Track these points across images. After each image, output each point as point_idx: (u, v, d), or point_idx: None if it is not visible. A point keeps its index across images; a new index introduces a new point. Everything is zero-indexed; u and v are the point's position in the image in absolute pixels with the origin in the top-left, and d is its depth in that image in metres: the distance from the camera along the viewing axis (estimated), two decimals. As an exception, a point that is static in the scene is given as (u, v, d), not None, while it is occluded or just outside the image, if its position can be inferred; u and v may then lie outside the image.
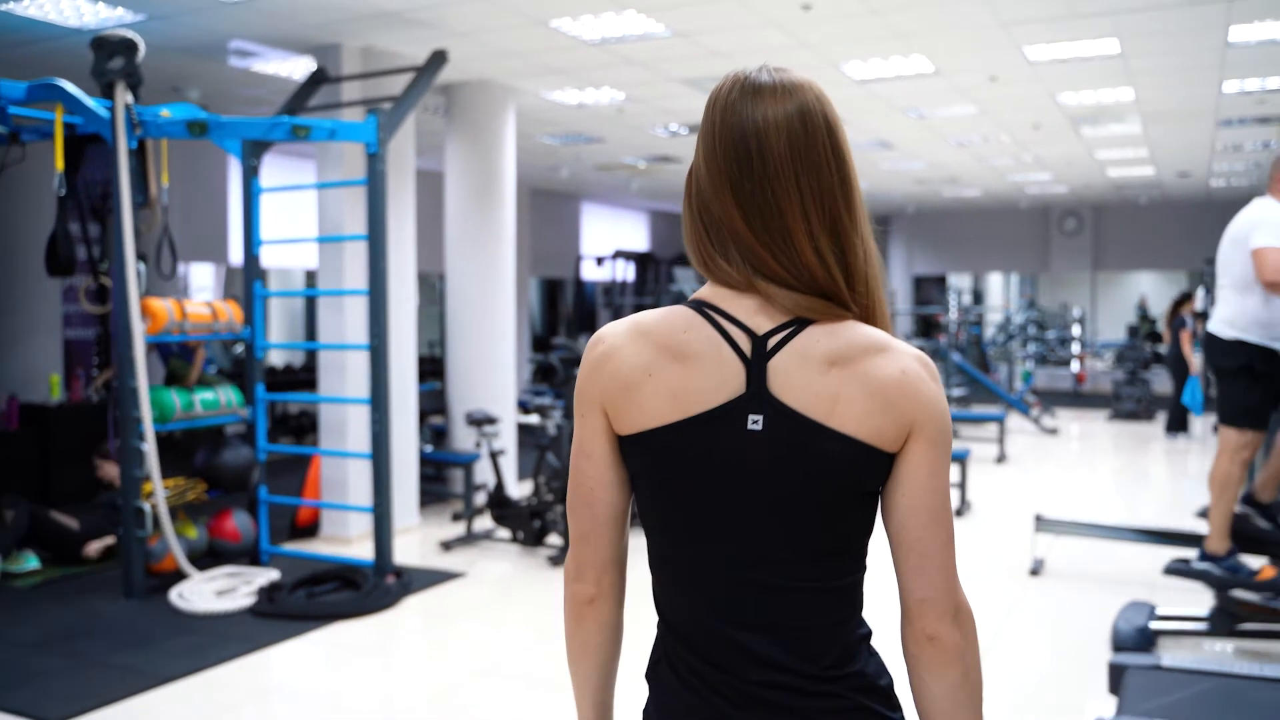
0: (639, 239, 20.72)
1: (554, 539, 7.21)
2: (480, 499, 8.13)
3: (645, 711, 1.42)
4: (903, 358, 1.29)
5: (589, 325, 18.77)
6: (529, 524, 7.08)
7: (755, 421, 1.27)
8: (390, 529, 6.34)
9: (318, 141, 7.22)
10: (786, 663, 1.30)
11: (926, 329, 19.62)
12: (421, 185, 12.46)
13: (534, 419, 7.39)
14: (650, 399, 1.31)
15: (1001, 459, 11.15)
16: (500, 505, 7.17)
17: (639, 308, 18.44)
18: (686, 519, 1.33)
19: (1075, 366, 19.89)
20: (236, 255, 12.66)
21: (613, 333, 1.37)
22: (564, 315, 18.65)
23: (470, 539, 7.45)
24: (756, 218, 1.30)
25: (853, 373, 1.27)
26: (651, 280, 18.70)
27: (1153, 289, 27.30)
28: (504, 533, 7.40)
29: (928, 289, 22.79)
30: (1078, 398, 18.44)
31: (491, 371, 8.74)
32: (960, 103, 9.67)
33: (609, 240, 19.39)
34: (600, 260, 17.98)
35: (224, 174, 12.05)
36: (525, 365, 16.05)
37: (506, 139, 8.91)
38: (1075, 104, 9.80)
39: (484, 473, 8.33)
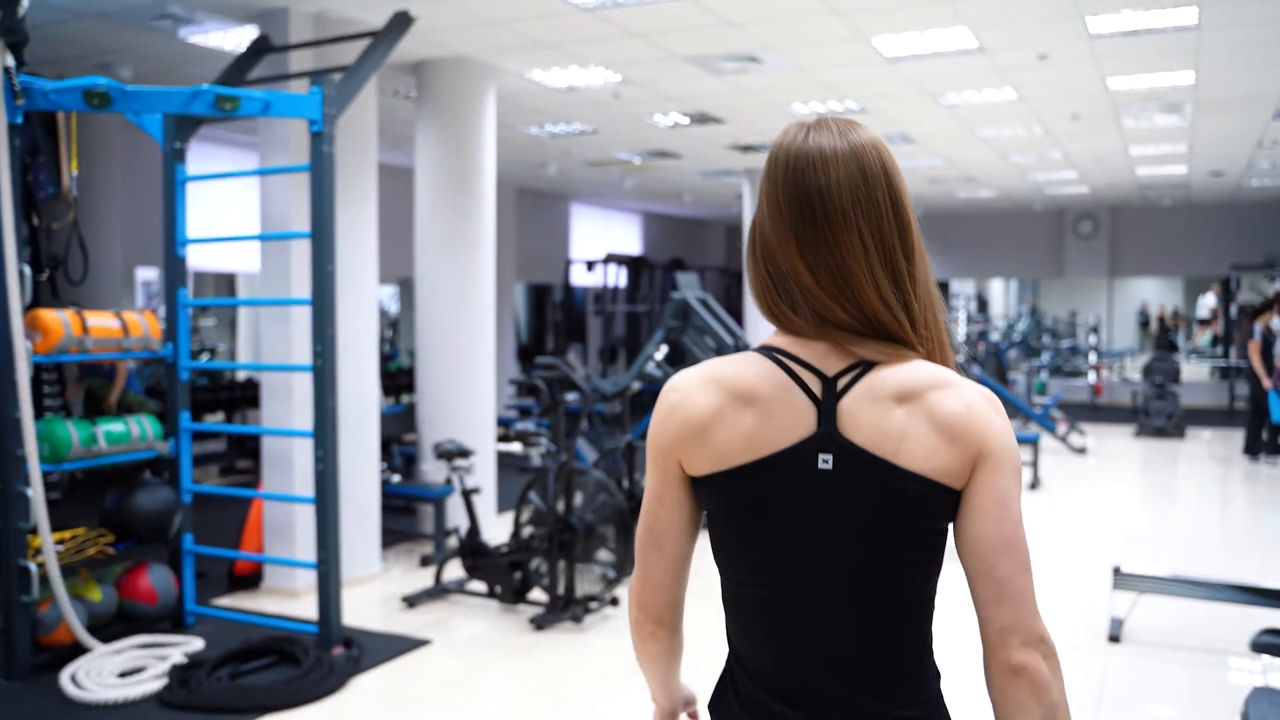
0: (632, 242, 19.60)
1: (537, 594, 6.08)
2: (454, 541, 6.97)
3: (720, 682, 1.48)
4: (966, 393, 1.34)
5: (579, 334, 17.62)
6: (508, 577, 5.94)
7: (825, 461, 1.33)
8: (338, 589, 5.20)
9: (257, 120, 6.09)
10: (854, 702, 1.34)
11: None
12: (398, 182, 11.33)
13: (515, 447, 6.26)
14: (724, 442, 1.37)
15: (1035, 484, 10.05)
16: (474, 554, 6.03)
17: (631, 315, 17.34)
18: (758, 557, 1.38)
19: (1092, 377, 18.85)
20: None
21: (685, 381, 1.43)
22: (552, 323, 17.51)
23: (439, 592, 6.31)
24: (822, 270, 1.36)
25: (919, 409, 1.32)
26: (645, 286, 17.56)
27: (1155, 295, 26.39)
28: (479, 585, 6.26)
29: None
30: (1096, 411, 17.33)
31: (467, 392, 7.61)
32: (1000, 86, 8.57)
33: (600, 243, 18.27)
34: (590, 265, 16.85)
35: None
36: (509, 378, 14.94)
37: (485, 126, 7.78)
38: (1126, 89, 8.72)
39: (458, 512, 7.19)
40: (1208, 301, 27.11)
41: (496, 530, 7.75)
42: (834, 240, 1.35)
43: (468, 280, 7.63)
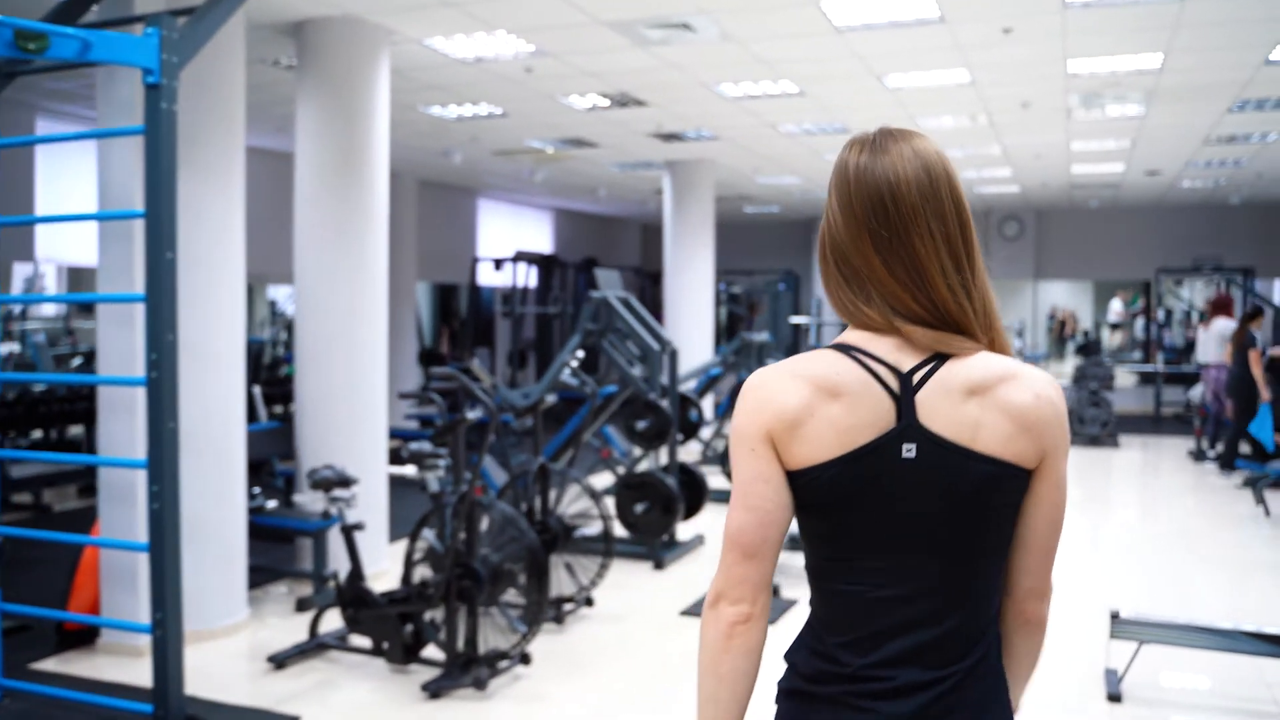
0: (543, 240, 18.58)
1: (433, 652, 5.06)
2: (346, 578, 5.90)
3: (781, 687, 1.58)
4: (1035, 383, 1.47)
5: (485, 337, 16.54)
6: (397, 631, 4.92)
7: (909, 450, 1.45)
8: (179, 658, 4.13)
9: (87, 69, 4.96)
10: (938, 663, 1.47)
11: None
12: (287, 169, 10.25)
13: (409, 470, 5.23)
14: (815, 436, 1.45)
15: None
16: (356, 604, 4.99)
17: (542, 318, 16.34)
18: (850, 537, 1.48)
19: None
20: (55, 251, 10.22)
21: (770, 376, 1.51)
22: (458, 325, 16.40)
23: (316, 648, 5.26)
24: (896, 263, 1.48)
25: (991, 399, 1.45)
26: (557, 286, 16.55)
27: (1064, 299, 26.24)
28: (363, 640, 5.22)
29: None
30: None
31: (355, 405, 6.56)
32: (953, 66, 7.78)
33: (509, 241, 17.22)
34: (499, 264, 15.79)
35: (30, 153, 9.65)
36: (399, 392, 13.86)
37: (377, 100, 6.73)
38: (1087, 73, 7.99)
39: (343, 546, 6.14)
40: (1115, 306, 27.10)
41: (390, 564, 6.71)
42: (905, 234, 1.47)
43: (357, 278, 6.58)
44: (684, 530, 7.82)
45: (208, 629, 5.48)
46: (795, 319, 16.81)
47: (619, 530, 7.21)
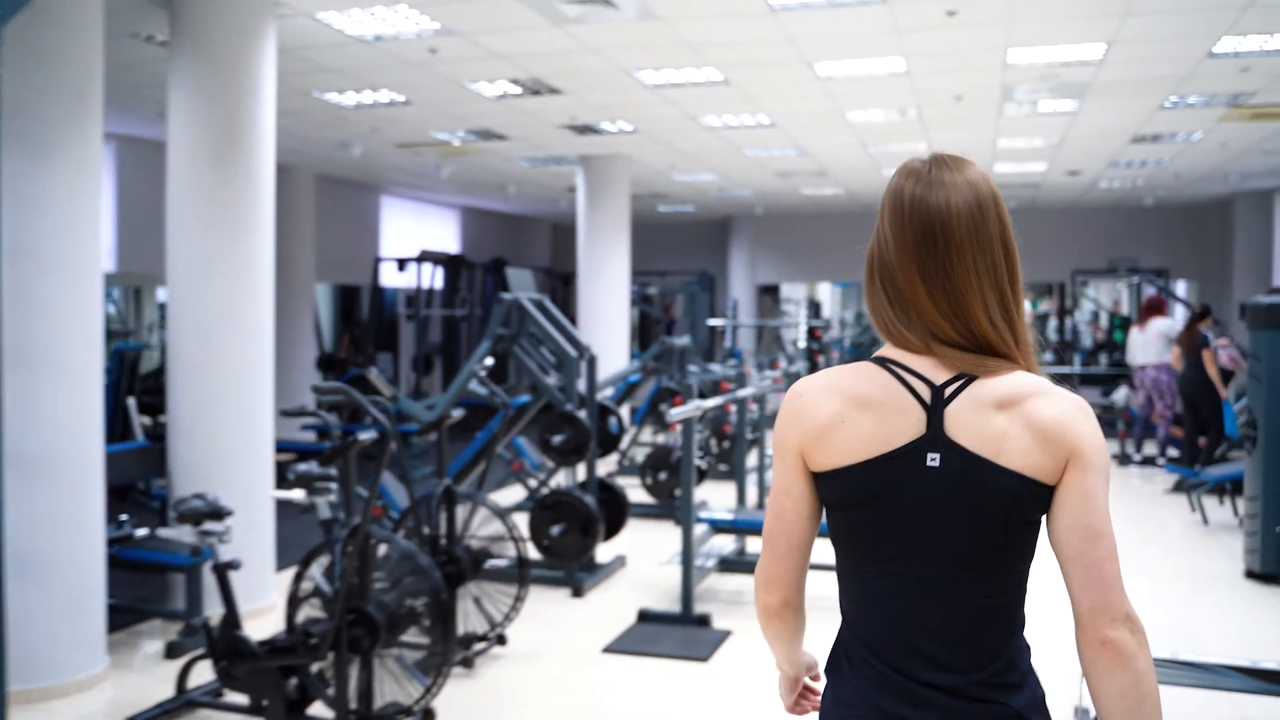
0: (449, 240, 17.82)
1: (321, 709, 4.38)
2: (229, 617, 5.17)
3: (824, 700, 1.65)
4: (1060, 400, 1.51)
5: (389, 341, 15.74)
6: (279, 686, 4.23)
7: (934, 459, 1.51)
8: (5, 737, 3.41)
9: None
10: (956, 668, 1.50)
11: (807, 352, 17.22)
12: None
13: (297, 495, 4.55)
14: (844, 442, 1.54)
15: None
16: (231, 655, 4.28)
17: (449, 320, 15.60)
18: (873, 541, 1.55)
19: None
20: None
21: (810, 387, 1.60)
22: (359, 329, 15.57)
23: (184, 707, 4.55)
24: (940, 294, 1.53)
25: (1017, 415, 1.49)
26: (465, 288, 15.82)
27: None
28: (239, 696, 4.51)
29: (764, 300, 20.72)
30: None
31: (235, 421, 5.84)
32: (888, 54, 7.31)
33: (414, 241, 16.43)
34: (402, 264, 15.00)
35: None
36: (281, 410, 13.02)
37: (262, 81, 6.01)
38: (1025, 64, 7.60)
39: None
40: (1025, 307, 27.23)
41: (279, 597, 5.99)
42: (950, 268, 1.52)
43: (238, 277, 5.86)
44: (604, 551, 7.22)
45: (57, 685, 4.73)
46: (713, 321, 16.33)
47: (533, 553, 6.58)
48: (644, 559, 7.34)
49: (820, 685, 1.80)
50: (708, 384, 10.45)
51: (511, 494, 9.49)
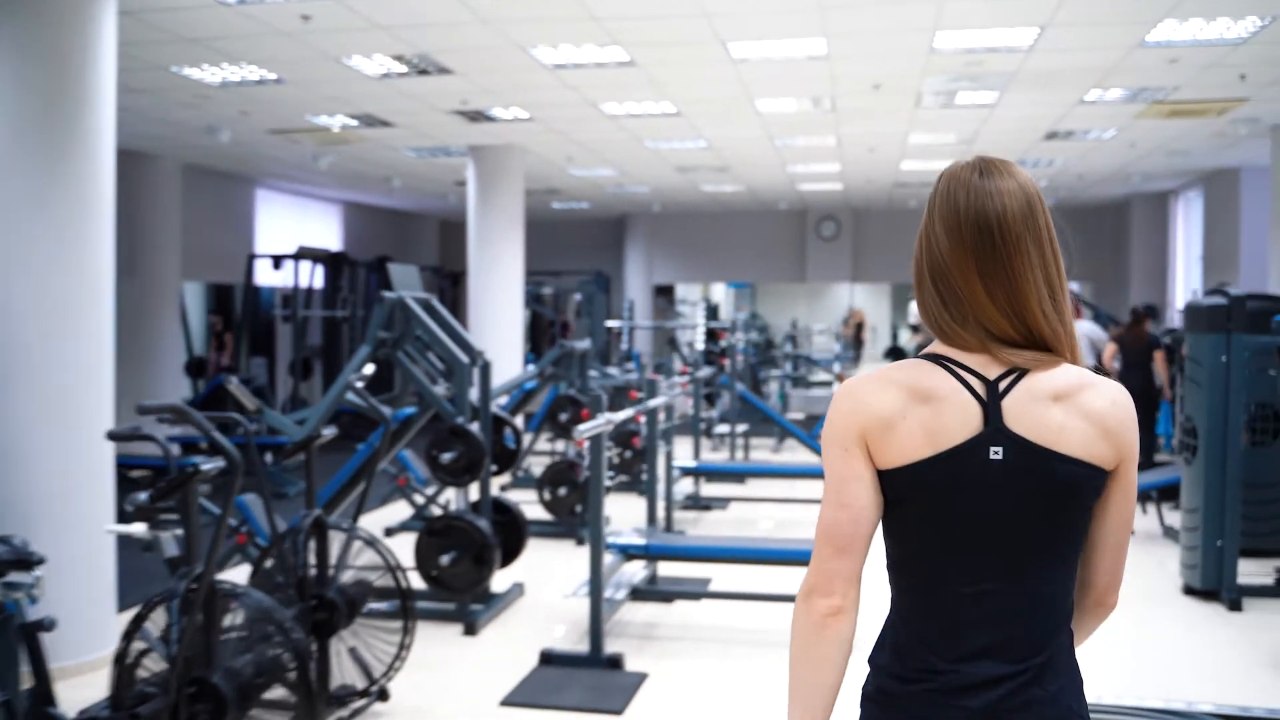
0: (331, 236, 16.82)
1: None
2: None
3: (868, 681, 1.63)
4: (1110, 391, 1.58)
5: (264, 345, 14.71)
6: (104, 774, 3.43)
7: (996, 452, 1.53)
8: None
9: None
10: (1010, 658, 1.54)
11: (708, 355, 16.57)
12: None
13: (138, 529, 3.75)
14: (907, 438, 1.55)
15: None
16: (42, 736, 3.47)
17: (329, 322, 14.66)
18: (933, 534, 1.57)
19: (836, 388, 17.78)
20: None
21: (860, 383, 1.61)
22: (230, 330, 14.50)
23: (-15, 796, 3.71)
24: (999, 291, 1.56)
25: (1074, 405, 1.55)
26: (346, 287, 14.86)
27: (860, 301, 26.26)
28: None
29: (659, 301, 20.17)
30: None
31: (64, 439, 4.97)
32: (811, 34, 6.75)
33: (293, 237, 15.41)
34: (278, 261, 13.98)
35: None
36: (108, 431, 11.97)
37: (99, 47, 5.16)
38: (953, 49, 7.12)
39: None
40: (915, 309, 27.30)
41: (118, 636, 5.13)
42: (1009, 263, 1.56)
43: (69, 276, 4.99)
44: (501, 579, 6.49)
45: None
46: (610, 323, 15.67)
47: (420, 582, 5.83)
48: (545, 587, 6.64)
49: None
50: (609, 390, 9.79)
51: (395, 511, 8.69)
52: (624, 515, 8.56)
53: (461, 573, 5.73)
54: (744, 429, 11.79)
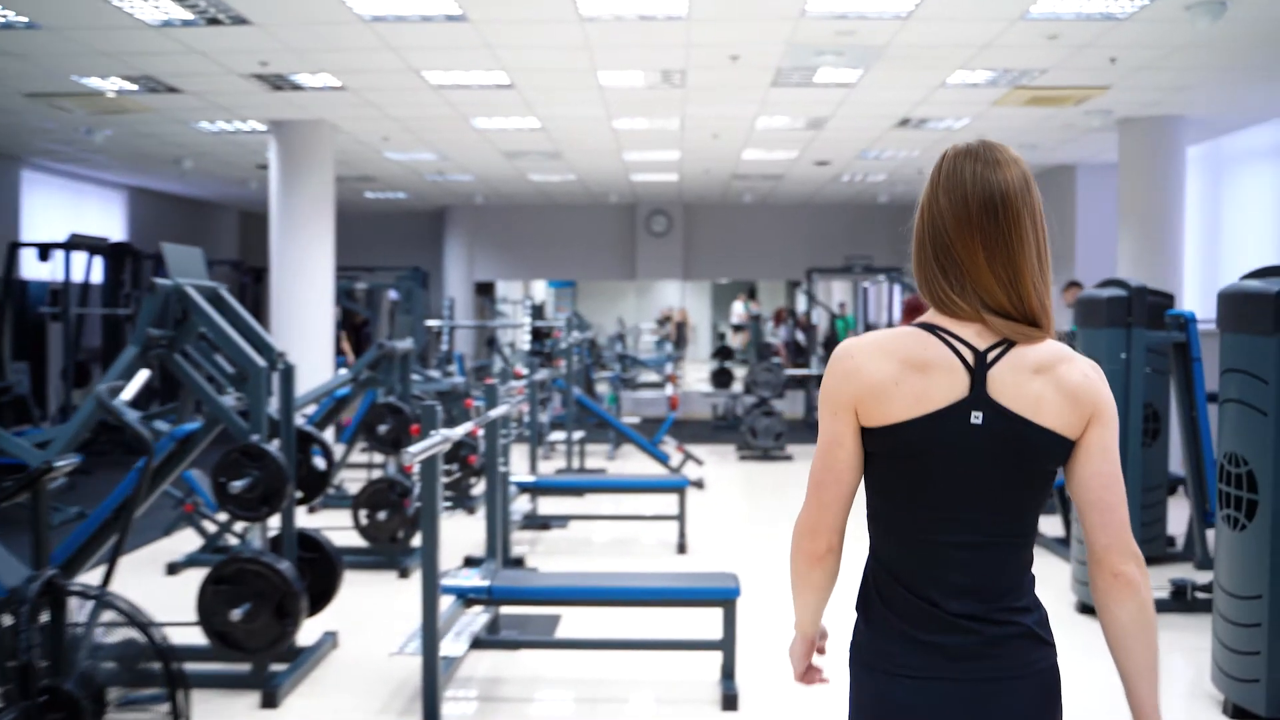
0: (114, 226, 15.02)
1: None
2: None
3: (856, 630, 1.82)
4: (1082, 365, 1.72)
5: (33, 349, 12.87)
6: None
7: (977, 417, 1.68)
8: None
9: None
10: (983, 597, 1.71)
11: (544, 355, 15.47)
12: None
13: None
14: (897, 400, 1.69)
15: (684, 548, 7.48)
16: None
17: (110, 320, 12.95)
18: (915, 488, 1.73)
19: (669, 390, 17.07)
20: None
21: (858, 348, 1.74)
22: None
23: None
24: (998, 260, 1.69)
25: (1050, 378, 1.69)
26: (130, 283, 13.18)
27: (679, 300, 25.85)
28: None
29: (480, 300, 19.04)
30: (678, 429, 15.35)
31: None
32: (672, -15, 5.90)
33: (67, 225, 13.60)
34: (45, 252, 12.20)
35: None
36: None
37: None
38: (824, 11, 6.37)
39: None
40: (738, 308, 27.03)
41: None
42: (1010, 236, 1.69)
43: None
44: (309, 628, 5.32)
45: None
46: (431, 322, 14.46)
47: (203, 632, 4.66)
48: (363, 634, 5.53)
49: (825, 660, 1.96)
50: (433, 396, 8.73)
51: (183, 542, 7.36)
52: (454, 539, 7.49)
53: (258, 629, 4.58)
54: (580, 435, 10.86)
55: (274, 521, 5.02)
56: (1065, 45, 7.11)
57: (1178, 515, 7.25)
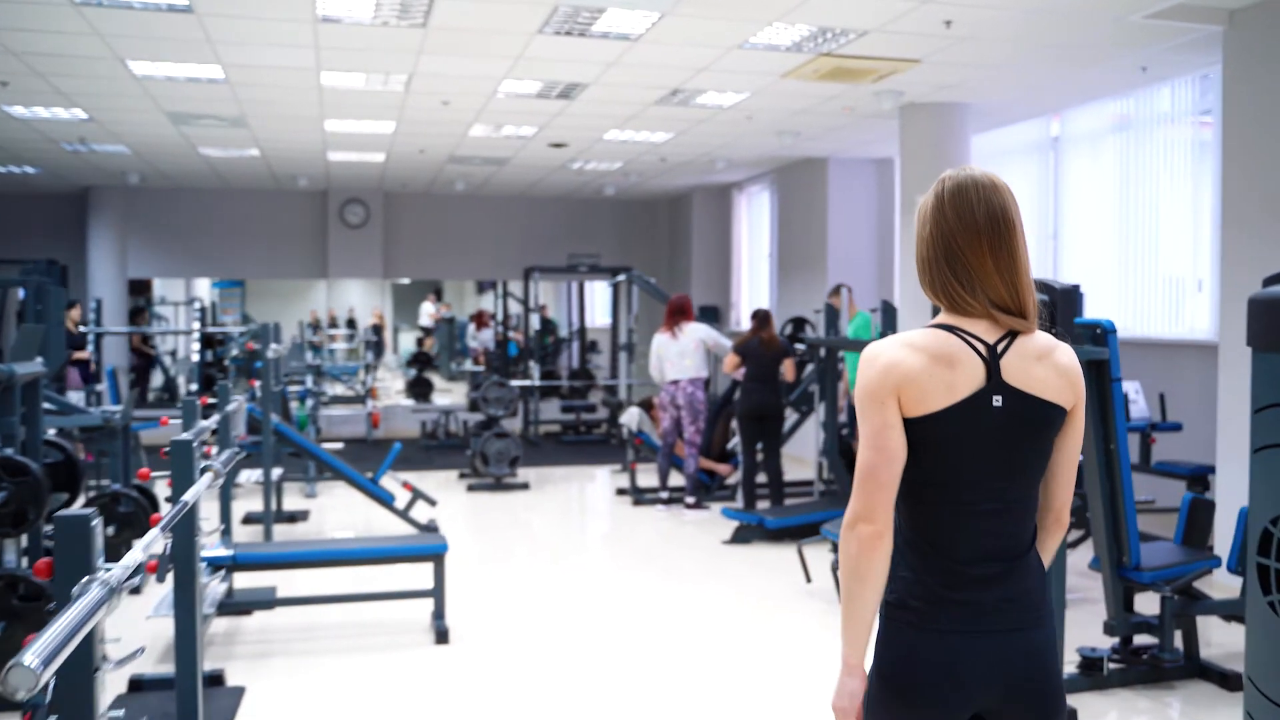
0: None
1: None
2: None
3: (888, 593, 2.01)
4: (1068, 352, 2.06)
5: None
6: None
7: (997, 400, 1.96)
8: None
9: None
10: (1006, 555, 2.00)
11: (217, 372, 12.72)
12: None
13: None
14: (930, 392, 1.94)
15: (443, 638, 5.57)
16: None
17: None
18: (950, 465, 1.98)
19: (370, 406, 14.88)
20: None
21: (889, 347, 1.99)
22: None
23: None
24: (1005, 267, 2.00)
25: (1050, 362, 2.02)
26: None
27: (358, 299, 23.64)
28: None
29: (135, 300, 16.01)
30: (380, 449, 13.11)
31: None
32: None
33: None
34: None
35: None
36: None
37: None
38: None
39: None
40: (428, 309, 25.06)
41: None
42: (1012, 244, 2.00)
43: None
44: None
45: None
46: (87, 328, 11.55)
47: None
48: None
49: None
50: (78, 435, 6.41)
51: None
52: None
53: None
54: (279, 474, 8.63)
55: None
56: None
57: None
